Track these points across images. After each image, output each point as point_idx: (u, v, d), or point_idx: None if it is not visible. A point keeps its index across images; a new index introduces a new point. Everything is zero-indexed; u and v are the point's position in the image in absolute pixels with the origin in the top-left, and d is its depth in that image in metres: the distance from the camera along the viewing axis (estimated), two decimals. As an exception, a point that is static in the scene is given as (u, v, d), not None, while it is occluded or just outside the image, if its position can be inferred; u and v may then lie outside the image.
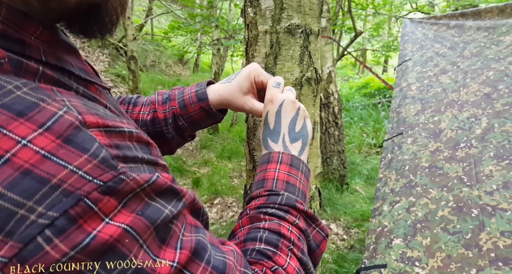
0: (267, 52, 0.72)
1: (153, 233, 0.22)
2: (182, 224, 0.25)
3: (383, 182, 1.12)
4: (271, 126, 0.44)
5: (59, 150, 0.20)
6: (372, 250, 0.91)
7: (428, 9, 5.50)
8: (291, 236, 0.34)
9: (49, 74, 0.24)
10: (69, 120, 0.20)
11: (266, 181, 0.39)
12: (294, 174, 0.40)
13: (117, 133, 0.23)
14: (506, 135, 0.97)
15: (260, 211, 0.37)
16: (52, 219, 0.18)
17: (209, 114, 0.50)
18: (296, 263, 0.33)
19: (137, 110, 0.52)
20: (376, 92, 6.29)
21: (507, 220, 0.79)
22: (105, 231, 0.20)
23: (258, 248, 0.33)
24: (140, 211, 0.22)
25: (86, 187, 0.20)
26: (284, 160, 0.41)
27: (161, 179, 0.24)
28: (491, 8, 1.52)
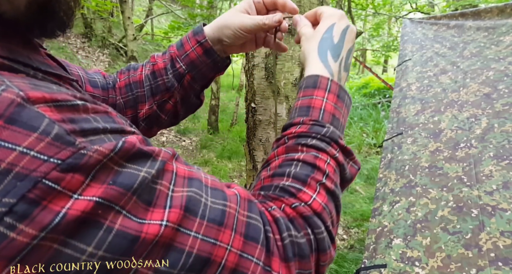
0: (267, 52, 0.72)
1: (133, 198, 0.21)
2: (170, 180, 0.24)
3: (383, 182, 1.12)
4: (335, 40, 0.39)
5: (2, 131, 0.18)
6: (372, 250, 0.91)
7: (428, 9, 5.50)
8: (327, 168, 0.33)
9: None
10: (8, 97, 0.18)
11: (312, 110, 0.37)
12: (339, 107, 0.38)
13: (70, 107, 0.21)
14: (506, 136, 0.97)
15: (299, 142, 0.35)
16: (9, 206, 0.18)
17: (206, 52, 0.47)
18: (323, 198, 0.32)
19: (138, 72, 0.51)
20: (376, 92, 6.29)
21: (507, 220, 0.80)
22: (76, 207, 0.19)
23: (283, 185, 0.32)
24: (112, 180, 0.21)
25: (42, 168, 0.18)
26: (332, 89, 0.38)
27: (127, 144, 0.22)
28: (490, 8, 1.52)
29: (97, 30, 6.07)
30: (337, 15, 0.41)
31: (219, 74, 0.52)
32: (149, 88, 0.50)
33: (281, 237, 0.29)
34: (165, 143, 4.23)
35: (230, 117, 5.16)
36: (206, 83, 0.52)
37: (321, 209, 0.31)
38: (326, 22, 0.41)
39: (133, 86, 0.50)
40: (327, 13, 0.42)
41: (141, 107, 0.50)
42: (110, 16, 6.28)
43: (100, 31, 6.17)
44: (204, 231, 0.24)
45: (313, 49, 0.40)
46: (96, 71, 0.51)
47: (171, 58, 0.48)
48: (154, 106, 0.50)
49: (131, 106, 0.51)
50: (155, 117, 0.51)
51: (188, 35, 0.48)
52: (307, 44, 0.41)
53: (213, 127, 4.59)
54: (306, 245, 0.29)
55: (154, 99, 0.50)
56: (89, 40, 5.83)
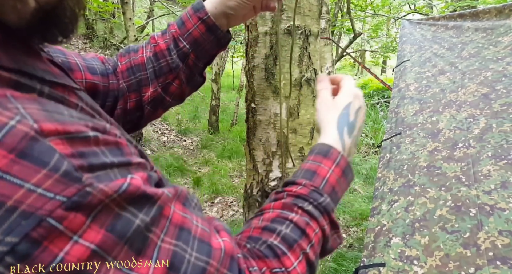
0: (267, 53, 0.73)
1: (125, 247, 0.21)
2: (163, 229, 0.24)
3: (381, 182, 1.13)
4: (350, 118, 0.42)
5: (13, 166, 0.18)
6: (371, 249, 0.92)
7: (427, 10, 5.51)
8: (314, 238, 0.34)
9: (6, 77, 0.22)
10: (22, 130, 0.18)
11: (316, 177, 0.38)
12: (342, 182, 0.40)
13: (81, 140, 0.21)
14: (504, 136, 0.98)
15: (296, 203, 0.36)
16: (11, 245, 0.17)
17: (209, 29, 0.46)
18: (303, 268, 0.32)
19: (139, 54, 0.49)
20: (375, 93, 6.30)
21: (505, 219, 0.80)
22: (73, 253, 0.19)
23: (270, 243, 0.32)
24: (110, 225, 0.20)
25: (47, 206, 0.18)
26: (341, 164, 0.40)
27: (132, 186, 0.22)
28: (489, 9, 1.53)
29: (98, 31, 6.08)
30: (353, 94, 0.44)
31: (222, 50, 0.51)
32: (152, 70, 0.48)
33: None
34: (166, 142, 4.23)
35: (231, 117, 5.17)
36: (209, 60, 0.51)
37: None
38: (345, 99, 0.44)
39: (135, 70, 0.49)
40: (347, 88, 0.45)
41: (145, 91, 0.49)
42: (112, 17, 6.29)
43: (102, 32, 6.18)
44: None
45: (333, 121, 0.42)
46: (94, 57, 0.50)
47: (173, 37, 0.47)
48: (158, 89, 0.49)
49: (135, 90, 0.49)
50: (160, 99, 0.50)
51: (188, 12, 0.47)
52: (326, 113, 0.44)
53: (213, 128, 4.59)
54: None
55: (158, 81, 0.49)
56: (91, 41, 5.84)
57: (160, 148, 3.97)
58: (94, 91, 0.46)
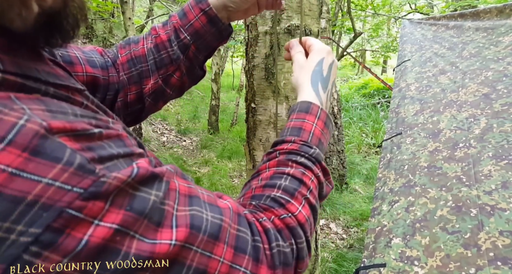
0: (267, 52, 0.72)
1: (145, 221, 0.23)
2: (174, 200, 0.26)
3: (382, 182, 1.13)
4: (324, 73, 0.45)
5: (28, 164, 0.18)
6: (371, 249, 0.92)
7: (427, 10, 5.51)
8: (311, 185, 0.37)
9: (11, 80, 0.22)
10: (33, 129, 0.19)
11: (303, 132, 0.41)
12: (325, 133, 0.43)
13: (87, 136, 0.22)
14: (504, 136, 0.98)
15: (290, 158, 0.39)
16: (35, 236, 0.18)
17: (211, 20, 0.46)
18: (307, 211, 0.35)
19: (140, 46, 0.49)
20: (375, 93, 6.30)
21: (506, 219, 0.80)
22: (97, 234, 0.20)
23: (274, 195, 0.35)
24: (128, 205, 0.22)
25: (66, 197, 0.19)
26: (321, 117, 0.43)
27: (142, 169, 0.24)
28: (490, 9, 1.53)
29: (98, 30, 6.08)
30: (325, 50, 0.47)
31: (223, 43, 0.52)
32: (153, 62, 0.48)
33: (270, 246, 0.31)
34: (166, 142, 4.23)
35: (230, 117, 5.16)
36: (209, 53, 0.52)
37: (304, 221, 0.35)
38: (316, 56, 0.46)
39: (136, 61, 0.49)
40: (316, 46, 0.47)
41: (146, 83, 0.49)
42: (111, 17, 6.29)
43: (101, 32, 6.18)
44: (204, 246, 0.26)
45: (307, 79, 0.45)
46: (92, 49, 0.50)
47: (174, 28, 0.47)
48: (159, 80, 0.49)
49: (135, 82, 0.49)
50: (160, 92, 0.50)
51: (190, 3, 0.47)
52: (300, 73, 0.46)
53: (213, 128, 4.59)
54: (290, 254, 0.32)
55: (159, 73, 0.48)
56: (90, 40, 5.84)
57: (159, 148, 3.97)
58: (95, 85, 0.46)
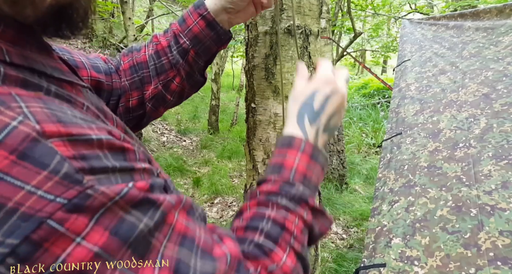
0: (267, 52, 0.72)
1: (129, 250, 0.21)
2: (166, 235, 0.24)
3: (382, 182, 1.13)
4: (315, 107, 0.41)
5: (13, 167, 0.18)
6: (371, 249, 0.92)
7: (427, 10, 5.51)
8: (294, 229, 0.34)
9: (13, 75, 0.22)
10: (24, 131, 0.18)
11: (284, 169, 0.38)
12: (312, 167, 0.39)
13: (83, 142, 0.21)
14: (504, 136, 0.98)
15: (270, 199, 0.36)
16: (12, 247, 0.17)
17: (209, 25, 0.47)
18: (293, 259, 0.33)
19: (142, 53, 0.50)
20: (375, 93, 6.30)
21: (506, 219, 0.80)
22: (75, 254, 0.19)
23: (257, 242, 0.32)
24: (114, 228, 0.20)
25: (47, 208, 0.18)
26: (306, 150, 0.39)
27: (133, 190, 0.22)
28: (489, 9, 1.53)
29: (98, 30, 6.08)
30: (323, 80, 0.42)
31: (222, 48, 0.52)
32: (153, 68, 0.49)
33: None
34: (166, 143, 4.23)
35: (230, 117, 5.16)
36: (209, 58, 0.52)
37: (290, 272, 0.32)
38: (311, 87, 0.42)
39: (137, 68, 0.50)
40: (318, 75, 0.43)
41: (147, 88, 0.50)
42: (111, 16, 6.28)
43: (101, 32, 6.18)
44: None
45: (294, 111, 0.42)
46: (96, 56, 0.51)
47: (174, 35, 0.48)
48: (159, 85, 0.50)
49: (137, 87, 0.50)
50: (161, 97, 0.51)
51: (189, 10, 0.48)
52: (291, 104, 0.43)
53: (213, 128, 4.59)
54: None
55: (159, 79, 0.49)
56: (90, 40, 5.84)
57: (159, 148, 3.97)
58: (99, 90, 0.47)
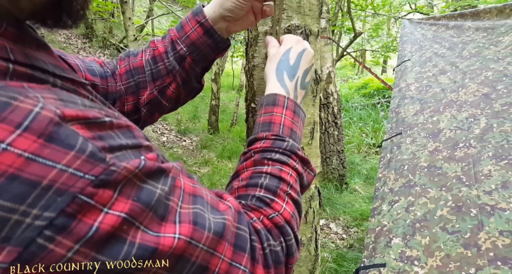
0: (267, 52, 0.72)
1: (150, 213, 0.23)
2: (179, 197, 0.26)
3: (382, 182, 1.13)
4: (291, 62, 0.44)
5: (43, 149, 0.19)
6: (371, 249, 0.92)
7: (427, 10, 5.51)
8: (290, 179, 0.38)
9: (21, 71, 0.23)
10: (47, 116, 0.20)
11: (273, 125, 0.41)
12: (296, 121, 0.43)
13: (98, 125, 0.23)
14: (504, 135, 0.98)
15: (265, 156, 0.39)
16: (49, 220, 0.19)
17: (207, 32, 0.47)
18: (291, 207, 0.36)
19: (139, 58, 0.50)
20: (375, 93, 6.30)
21: (506, 219, 0.80)
22: (106, 222, 0.21)
23: (258, 195, 0.36)
24: (136, 196, 0.22)
25: (79, 183, 0.20)
26: (289, 106, 0.42)
27: (149, 162, 0.24)
28: (490, 9, 1.53)
29: (98, 30, 6.08)
30: (294, 40, 0.47)
31: (220, 55, 0.52)
32: (150, 73, 0.49)
33: (263, 246, 0.32)
34: (166, 142, 4.23)
35: (230, 117, 5.16)
36: (206, 65, 0.52)
37: (290, 217, 0.36)
38: (284, 46, 0.47)
39: (134, 72, 0.50)
40: (286, 38, 0.48)
41: (142, 93, 0.50)
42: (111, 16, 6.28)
43: (101, 32, 6.18)
44: (209, 243, 0.27)
45: (272, 70, 0.45)
46: (92, 60, 0.51)
47: (171, 41, 0.48)
48: (155, 91, 0.50)
49: (133, 92, 0.50)
50: (156, 103, 0.51)
51: (188, 16, 0.49)
52: (268, 64, 0.47)
53: (213, 128, 4.59)
54: (280, 252, 0.33)
55: (155, 84, 0.49)
56: (90, 40, 5.84)
57: (159, 148, 3.97)
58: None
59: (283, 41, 0.48)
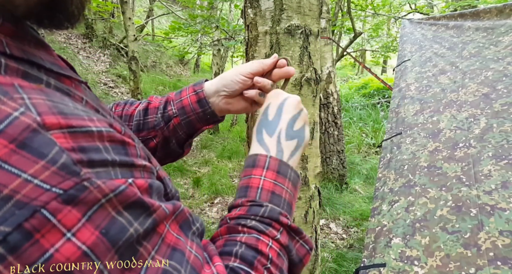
0: (267, 52, 0.72)
1: (115, 256, 0.20)
2: (154, 245, 0.23)
3: (382, 182, 1.13)
4: (269, 118, 0.41)
5: (12, 156, 0.18)
6: (371, 249, 0.92)
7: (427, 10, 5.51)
8: (269, 252, 0.32)
9: (14, 66, 0.22)
10: (25, 122, 0.18)
11: (250, 190, 0.36)
12: (280, 183, 0.37)
13: (84, 134, 0.21)
14: (504, 135, 0.98)
15: (239, 223, 0.34)
16: (4, 235, 0.17)
17: (199, 101, 0.48)
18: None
19: (133, 107, 0.52)
20: (375, 93, 6.30)
21: (505, 219, 0.80)
22: (63, 251, 0.18)
23: (232, 266, 0.31)
24: (105, 228, 0.20)
25: (43, 197, 0.18)
26: (271, 166, 0.37)
27: (130, 189, 0.22)
28: (489, 9, 1.53)
29: (98, 30, 6.08)
30: (272, 95, 0.44)
31: (207, 127, 0.52)
32: (137, 123, 0.50)
33: None
34: (165, 143, 4.22)
35: (230, 117, 5.17)
36: (192, 132, 0.52)
37: None
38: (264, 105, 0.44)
39: (123, 119, 0.51)
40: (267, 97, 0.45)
41: None
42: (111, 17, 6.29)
43: (101, 32, 6.18)
44: None
45: (254, 132, 0.42)
46: None
47: (166, 100, 0.50)
48: None
49: None
50: None
51: (189, 85, 0.51)
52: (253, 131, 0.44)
53: (213, 128, 4.59)
54: None
55: (139, 135, 0.50)
56: (90, 40, 5.84)
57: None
58: None
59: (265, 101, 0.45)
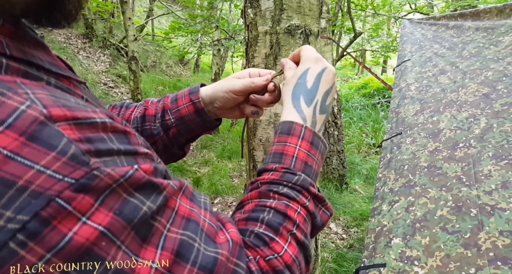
0: (267, 52, 0.72)
1: (132, 232, 0.21)
2: (169, 218, 0.24)
3: (382, 182, 1.13)
4: (308, 85, 0.40)
5: (23, 148, 0.18)
6: (371, 249, 0.92)
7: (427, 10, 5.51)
8: (297, 218, 0.34)
9: (15, 66, 0.23)
10: (32, 115, 0.19)
11: (285, 157, 0.37)
12: (313, 154, 0.39)
13: (89, 125, 0.22)
14: (504, 135, 0.98)
15: (271, 189, 0.35)
16: (22, 223, 0.18)
17: (198, 112, 0.48)
18: (294, 249, 0.32)
19: (129, 112, 0.51)
20: (375, 93, 6.30)
21: (506, 219, 0.80)
22: (81, 233, 0.19)
23: (257, 231, 0.32)
24: (118, 209, 0.21)
25: (56, 186, 0.19)
26: (306, 137, 0.38)
27: (138, 173, 0.23)
28: (490, 9, 1.53)
29: (98, 30, 6.08)
30: (312, 59, 0.42)
31: (207, 132, 0.52)
32: (134, 129, 0.50)
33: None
34: (165, 143, 4.22)
35: (230, 117, 5.16)
36: (192, 137, 0.52)
37: (291, 262, 0.31)
38: (301, 67, 0.42)
39: None
40: (304, 56, 0.43)
41: None
42: (111, 16, 6.29)
43: (101, 32, 6.18)
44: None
45: (288, 95, 0.41)
46: None
47: (163, 108, 0.49)
48: None
49: None
50: None
51: (184, 91, 0.50)
52: (284, 88, 0.43)
53: (213, 128, 4.58)
54: None
55: None
56: (90, 40, 5.84)
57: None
58: None
59: (301, 60, 0.44)
